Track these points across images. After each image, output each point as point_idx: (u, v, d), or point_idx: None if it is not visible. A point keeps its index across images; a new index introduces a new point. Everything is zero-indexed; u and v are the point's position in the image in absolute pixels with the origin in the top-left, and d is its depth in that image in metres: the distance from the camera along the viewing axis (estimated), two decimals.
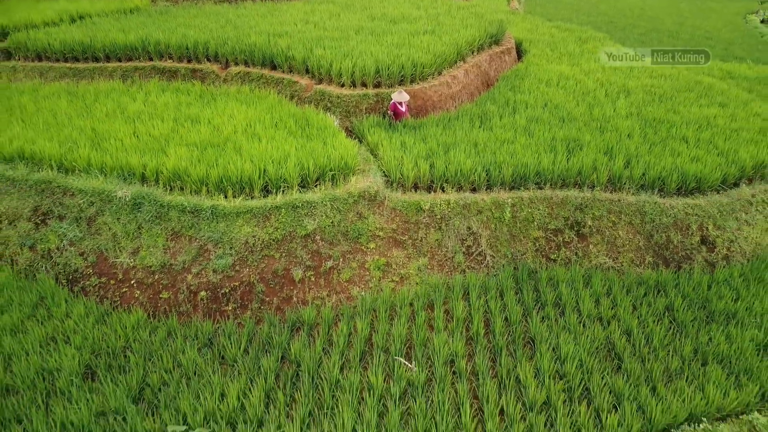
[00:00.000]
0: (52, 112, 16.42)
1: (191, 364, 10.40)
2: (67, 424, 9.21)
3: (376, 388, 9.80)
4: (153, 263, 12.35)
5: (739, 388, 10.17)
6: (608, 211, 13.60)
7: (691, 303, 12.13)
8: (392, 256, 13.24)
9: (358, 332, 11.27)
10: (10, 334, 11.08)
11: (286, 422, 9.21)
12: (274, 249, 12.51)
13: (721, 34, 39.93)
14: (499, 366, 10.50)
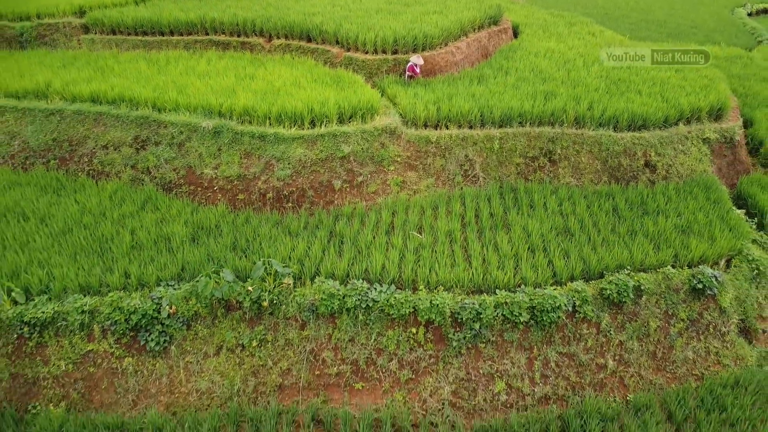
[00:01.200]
0: (136, 71, 20.73)
1: (267, 233, 14.66)
2: (185, 265, 13.49)
3: (397, 246, 14.02)
4: (231, 174, 16.63)
5: (658, 251, 14.28)
6: (573, 142, 17.71)
7: (632, 204, 16.25)
8: (407, 176, 17.44)
9: (383, 219, 15.48)
10: (130, 217, 15.37)
11: (338, 262, 13.45)
12: (319, 166, 16.74)
13: (707, 23, 43.69)
14: (483, 237, 14.70)
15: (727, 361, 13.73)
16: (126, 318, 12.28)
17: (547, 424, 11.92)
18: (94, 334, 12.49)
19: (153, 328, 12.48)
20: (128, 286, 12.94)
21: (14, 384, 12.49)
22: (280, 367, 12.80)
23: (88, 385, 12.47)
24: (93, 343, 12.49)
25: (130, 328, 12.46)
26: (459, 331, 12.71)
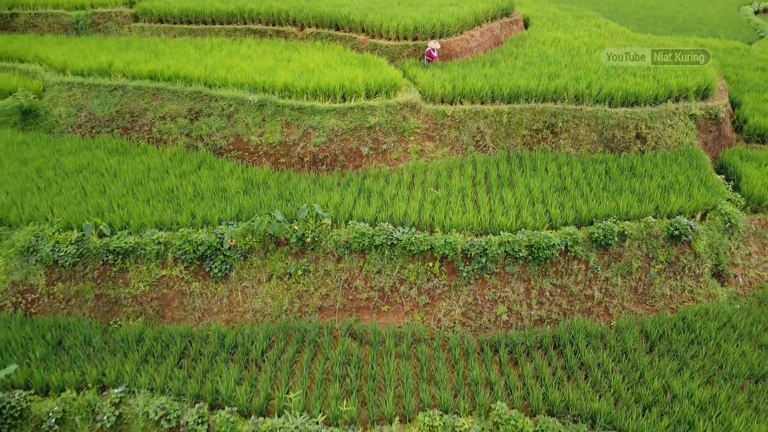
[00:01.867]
0: (185, 54, 23.39)
1: (306, 188, 17.24)
2: (241, 209, 16.08)
3: (417, 198, 16.54)
4: (274, 141, 19.22)
5: (641, 205, 16.63)
6: (573, 116, 20.08)
7: (623, 169, 18.61)
8: (425, 145, 19.92)
9: (404, 179, 17.99)
10: (189, 174, 18.01)
11: (367, 209, 15.99)
12: (349, 134, 19.28)
13: (712, 20, 45.69)
14: (491, 192, 17.17)
15: (700, 298, 16.05)
16: (194, 249, 14.90)
17: (541, 339, 14.35)
18: (167, 262, 15.14)
19: (216, 257, 15.10)
20: (195, 224, 15.58)
21: (98, 303, 15.17)
22: (320, 293, 15.36)
23: (162, 303, 15.13)
24: (166, 269, 15.14)
25: (197, 258, 15.09)
26: (468, 265, 15.19)
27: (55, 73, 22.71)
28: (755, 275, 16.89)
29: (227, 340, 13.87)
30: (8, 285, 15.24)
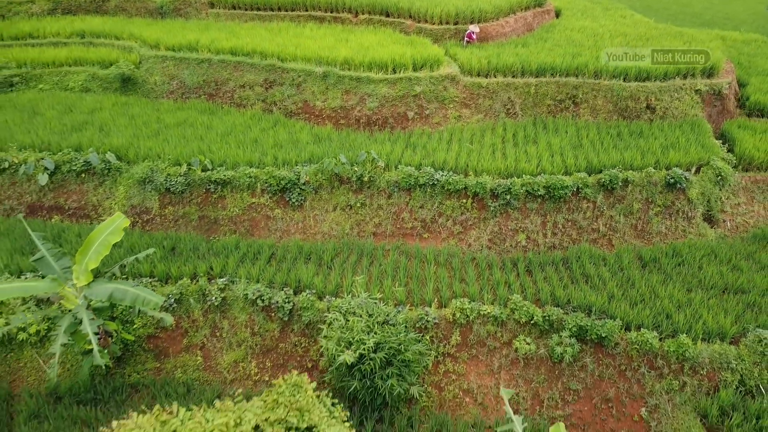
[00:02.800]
0: (259, 34, 27.34)
1: (363, 141, 20.94)
2: (312, 155, 19.86)
3: (454, 150, 20.07)
4: (335, 105, 22.99)
5: (644, 158, 19.83)
6: (592, 89, 23.31)
7: (632, 132, 21.79)
8: (462, 112, 23.42)
9: (444, 136, 21.54)
10: (267, 129, 21.88)
11: (413, 157, 19.59)
12: (398, 101, 22.90)
13: (739, 16, 47.92)
14: (517, 147, 20.59)
15: (692, 236, 19.20)
16: (277, 183, 18.75)
17: (553, 258, 17.75)
18: (256, 192, 19.03)
19: (294, 190, 18.92)
20: (276, 164, 19.43)
21: (201, 223, 19.15)
22: (374, 222, 19.05)
23: (251, 224, 19.03)
24: (255, 198, 19.03)
25: (279, 190, 18.93)
26: (495, 201, 18.68)
27: (149, 48, 26.91)
28: (742, 221, 19.93)
29: (304, 249, 17.68)
30: (127, 207, 19.33)
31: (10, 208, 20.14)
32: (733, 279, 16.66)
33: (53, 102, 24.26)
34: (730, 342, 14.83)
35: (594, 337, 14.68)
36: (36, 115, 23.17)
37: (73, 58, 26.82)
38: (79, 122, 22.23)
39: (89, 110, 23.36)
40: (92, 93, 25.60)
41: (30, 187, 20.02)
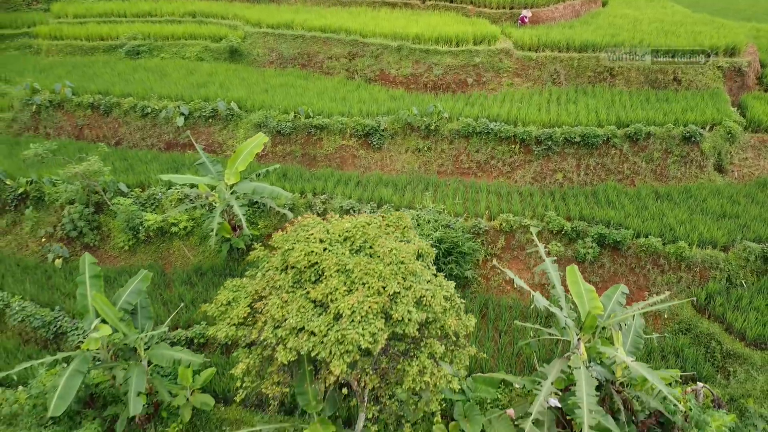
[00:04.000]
0: (341, 16, 32.36)
1: (430, 100, 25.63)
2: (390, 108, 24.69)
3: (506, 106, 24.57)
4: (406, 73, 27.78)
5: (666, 117, 23.82)
6: (626, 64, 27.35)
7: (659, 98, 25.76)
8: (514, 80, 27.85)
9: (498, 98, 26.02)
10: (352, 91, 26.83)
11: (471, 110, 24.19)
12: (459, 69, 27.51)
13: None
14: (559, 105, 24.90)
15: (703, 181, 23.12)
16: (362, 129, 23.63)
17: (584, 191, 22.03)
18: (345, 136, 23.99)
19: (375, 135, 23.77)
20: (361, 114, 24.34)
21: (303, 159, 24.22)
22: (437, 162, 23.73)
23: (341, 161, 24.01)
24: (345, 140, 24.00)
25: (364, 134, 23.82)
26: (538, 146, 23.07)
27: (251, 26, 32.29)
28: (748, 172, 23.72)
29: (383, 178, 22.53)
30: None
31: (151, 144, 25.72)
32: (730, 208, 20.63)
33: (176, 67, 29.89)
34: (721, 249, 18.89)
35: (611, 242, 18.98)
36: (165, 75, 28.79)
37: (189, 33, 32.49)
38: (202, 81, 27.71)
39: (208, 73, 28.84)
40: (205, 62, 31.14)
41: (168, 128, 25.55)
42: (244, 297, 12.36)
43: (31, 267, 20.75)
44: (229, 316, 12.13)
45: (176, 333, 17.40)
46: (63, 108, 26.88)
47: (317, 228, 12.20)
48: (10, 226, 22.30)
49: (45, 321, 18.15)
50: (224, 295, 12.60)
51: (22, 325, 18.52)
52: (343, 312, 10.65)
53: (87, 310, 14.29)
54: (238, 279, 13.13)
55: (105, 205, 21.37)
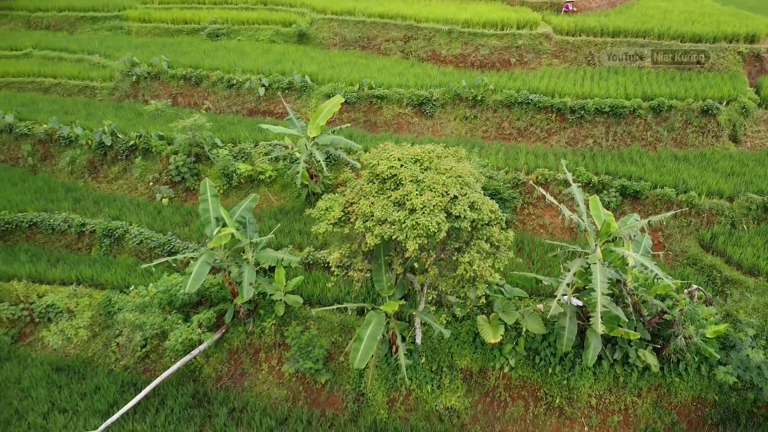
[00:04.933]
0: (397, 5, 36.17)
1: (477, 76, 29.25)
2: (442, 80, 28.41)
3: (545, 81, 28.02)
4: (456, 53, 31.44)
5: (687, 92, 26.91)
6: (655, 47, 30.46)
7: (683, 78, 28.83)
8: (553, 61, 31.26)
9: (538, 74, 29.48)
10: (408, 68, 30.60)
11: (512, 83, 27.72)
12: (503, 50, 31.05)
13: None
14: (593, 81, 28.23)
15: (717, 149, 26.17)
16: (417, 99, 27.39)
17: (611, 153, 25.32)
18: (402, 105, 27.79)
19: (428, 104, 27.51)
20: (416, 87, 28.11)
21: (365, 124, 28.12)
22: (482, 129, 27.35)
23: (398, 127, 27.83)
24: (401, 109, 27.80)
25: (418, 104, 27.58)
26: (572, 115, 26.48)
27: (317, 13, 36.36)
28: (759, 143, 26.67)
29: (434, 141, 26.24)
30: None
31: (236, 111, 29.98)
32: (738, 169, 23.72)
33: (253, 47, 34.15)
34: (727, 199, 22.07)
35: (632, 191, 22.33)
36: (244, 54, 33.06)
37: (261, 18, 36.74)
38: (277, 59, 31.89)
39: (280, 53, 33.02)
40: (277, 44, 35.32)
41: (250, 97, 29.77)
42: (338, 204, 16.23)
43: (142, 204, 25.12)
44: (327, 217, 16.02)
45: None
46: (159, 79, 31.38)
47: (395, 151, 16.01)
48: (121, 173, 26.75)
49: (159, 242, 22.42)
50: (323, 203, 16.49)
51: (139, 246, 22.83)
52: (416, 207, 14.41)
53: (209, 221, 18.36)
54: (332, 194, 17.02)
55: (204, 155, 25.62)
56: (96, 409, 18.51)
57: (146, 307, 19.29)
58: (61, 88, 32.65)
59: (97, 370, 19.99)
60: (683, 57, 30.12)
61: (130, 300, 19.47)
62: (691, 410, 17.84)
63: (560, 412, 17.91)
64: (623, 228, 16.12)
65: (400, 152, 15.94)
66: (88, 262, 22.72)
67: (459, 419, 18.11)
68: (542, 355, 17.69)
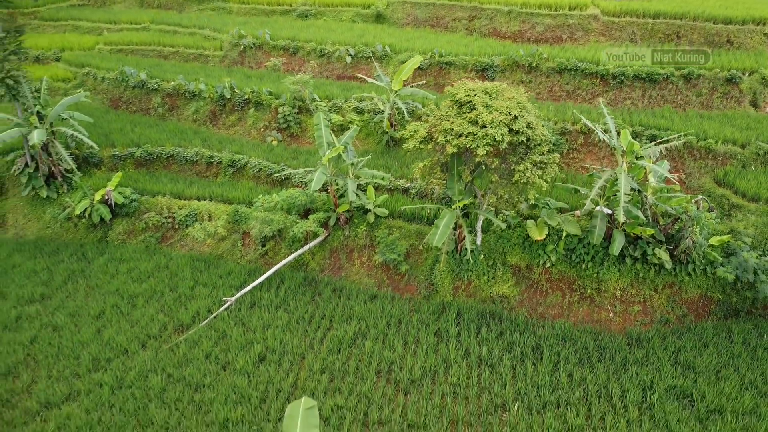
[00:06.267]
0: None
1: (532, 48, 34.27)
2: (502, 50, 33.58)
3: (591, 52, 32.85)
4: (514, 30, 36.50)
5: (714, 64, 31.28)
6: (690, 28, 34.79)
7: (713, 52, 33.16)
8: (599, 39, 35.98)
9: (586, 48, 34.29)
10: (473, 41, 35.86)
11: (563, 53, 32.65)
12: (556, 28, 35.93)
13: None
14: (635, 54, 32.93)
15: (739, 113, 30.46)
16: (480, 65, 32.61)
17: (646, 112, 29.96)
18: (467, 70, 33.04)
19: (490, 69, 32.69)
20: (481, 55, 33.32)
21: (435, 87, 33.47)
22: (536, 91, 32.35)
23: None
24: (466, 74, 33.06)
25: (481, 69, 32.81)
26: (614, 80, 31.24)
27: None
28: None
29: None
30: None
31: (326, 76, 35.82)
32: (753, 125, 28.09)
33: (337, 26, 40.00)
34: (740, 146, 26.54)
35: (660, 138, 27.03)
36: (331, 30, 38.92)
37: (344, 2, 42.56)
38: (359, 34, 37.59)
39: (361, 30, 38.72)
40: (357, 23, 41.05)
41: (338, 65, 35.55)
42: (423, 127, 21.65)
43: (255, 145, 31.17)
44: (415, 136, 21.45)
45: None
46: (262, 48, 37.51)
47: (470, 84, 21.33)
48: (237, 121, 32.89)
49: (274, 170, 28.33)
50: (411, 126, 21.94)
51: (258, 173, 28.82)
52: (486, 123, 19.68)
53: (322, 144, 24.03)
54: (417, 122, 22.46)
55: (305, 107, 31.48)
56: (230, 285, 24.46)
57: (272, 210, 25.15)
58: (179, 56, 39.18)
59: (228, 262, 25.98)
60: (714, 37, 34.36)
61: (258, 206, 25.38)
62: (698, 306, 22.56)
63: (591, 300, 22.89)
64: (645, 149, 21.04)
65: (474, 86, 21.26)
66: (217, 185, 28.84)
67: (509, 303, 23.29)
68: (577, 253, 22.72)
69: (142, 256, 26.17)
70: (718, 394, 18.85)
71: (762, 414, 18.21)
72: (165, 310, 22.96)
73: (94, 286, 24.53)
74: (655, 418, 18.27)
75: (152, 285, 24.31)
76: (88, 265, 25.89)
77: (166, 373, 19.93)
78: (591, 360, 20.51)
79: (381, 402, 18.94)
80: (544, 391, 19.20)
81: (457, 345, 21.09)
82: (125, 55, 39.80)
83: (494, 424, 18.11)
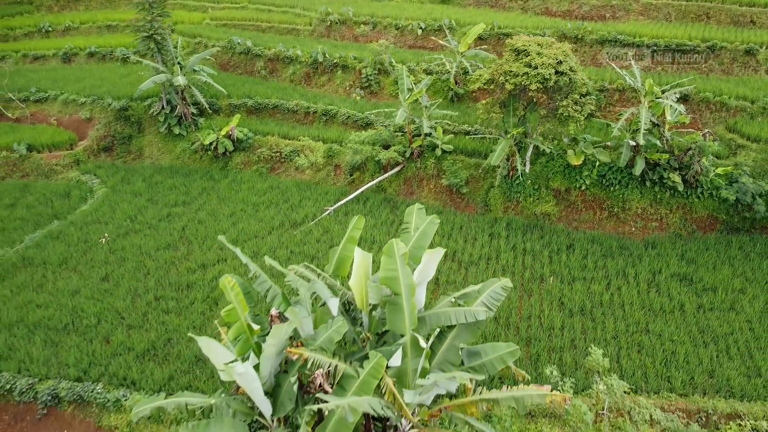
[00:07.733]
0: None
1: (579, 24, 39.99)
2: (539, 25, 39.41)
3: (630, 27, 38.38)
4: (563, 9, 42.22)
5: (735, 38, 36.38)
6: (718, 9, 39.82)
7: (737, 31, 38.17)
8: (638, 18, 41.41)
9: (626, 24, 39.78)
10: (524, 19, 41.78)
11: (604, 27, 38.26)
12: (600, 8, 41.53)
13: None
14: (668, 29, 38.28)
15: (755, 78, 35.43)
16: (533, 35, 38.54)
17: (674, 76, 35.34)
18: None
19: None
20: (533, 28, 39.20)
21: (493, 53, 39.62)
22: (580, 59, 38.07)
23: None
24: None
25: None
26: (647, 50, 36.70)
27: None
28: None
29: None
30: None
31: (400, 45, 42.29)
32: (765, 87, 33.17)
33: (408, 6, 46.46)
34: (750, 102, 31.76)
35: (683, 96, 32.45)
36: (402, 9, 45.38)
37: None
38: (428, 12, 43.94)
39: (429, 9, 45.07)
40: (425, 4, 47.39)
41: (410, 37, 41.95)
42: (487, 74, 27.80)
43: (343, 100, 37.86)
44: (480, 80, 27.63)
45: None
46: (346, 24, 44.28)
47: (525, 37, 27.38)
48: (327, 81, 39.68)
49: (359, 117, 34.93)
50: (477, 73, 28.14)
51: (346, 120, 35.47)
52: (537, 65, 25.69)
53: (403, 90, 30.41)
54: (482, 69, 28.59)
55: (383, 69, 38.01)
56: (328, 201, 31.12)
57: (361, 143, 31.70)
58: (274, 30, 46.35)
59: (324, 186, 32.70)
60: (740, 17, 39.36)
61: (351, 139, 32.00)
62: (706, 224, 28.03)
63: (617, 217, 28.62)
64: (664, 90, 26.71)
65: (528, 39, 27.35)
66: (313, 129, 35.62)
67: (550, 219, 29.22)
68: (607, 178, 28.45)
69: (258, 180, 33.13)
70: (714, 279, 24.39)
71: (747, 292, 23.67)
72: (281, 213, 29.78)
73: (224, 197, 31.60)
74: (660, 290, 23.99)
75: (269, 198, 31.19)
76: (215, 184, 33.02)
77: (289, 249, 26.68)
78: (613, 254, 26.31)
79: (448, 273, 25.23)
80: (574, 271, 25.13)
81: (506, 242, 27.20)
82: (229, 29, 47.19)
83: (534, 290, 24.16)
